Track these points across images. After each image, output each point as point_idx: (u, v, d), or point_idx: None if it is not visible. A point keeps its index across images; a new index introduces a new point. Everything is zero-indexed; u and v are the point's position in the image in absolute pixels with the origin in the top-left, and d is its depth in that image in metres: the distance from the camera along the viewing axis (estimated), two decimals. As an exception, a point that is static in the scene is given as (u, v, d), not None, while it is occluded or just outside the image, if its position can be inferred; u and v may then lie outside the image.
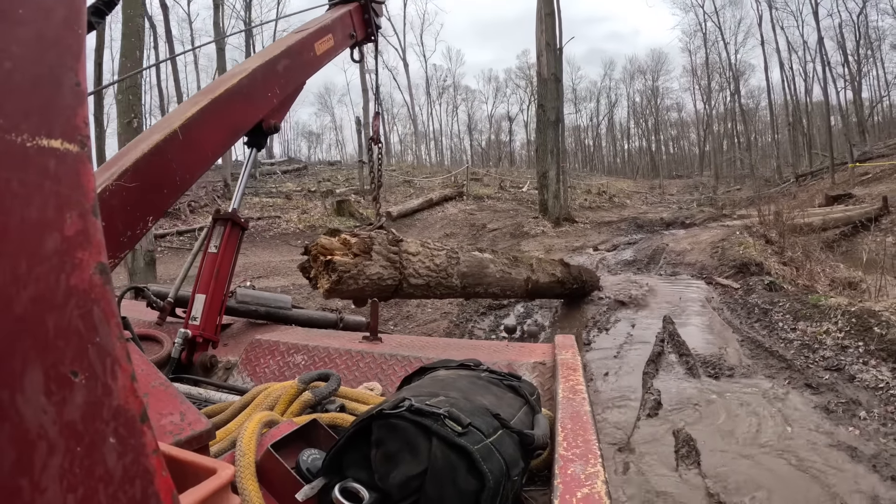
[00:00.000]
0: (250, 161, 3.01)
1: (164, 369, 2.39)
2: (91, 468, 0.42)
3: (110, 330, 0.44)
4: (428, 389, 1.29)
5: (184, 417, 1.11)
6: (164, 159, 2.13)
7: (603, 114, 73.20)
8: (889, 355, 4.63)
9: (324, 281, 2.84)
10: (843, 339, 5.12)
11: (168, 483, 0.48)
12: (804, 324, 5.70)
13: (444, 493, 1.02)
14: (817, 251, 9.42)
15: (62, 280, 0.41)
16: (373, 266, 2.90)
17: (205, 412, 1.65)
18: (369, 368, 2.31)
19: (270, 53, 2.74)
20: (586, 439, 1.30)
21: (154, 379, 1.22)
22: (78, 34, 0.45)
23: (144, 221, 2.11)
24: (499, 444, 1.13)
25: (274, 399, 1.60)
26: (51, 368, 0.40)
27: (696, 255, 9.79)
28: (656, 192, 38.92)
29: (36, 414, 0.38)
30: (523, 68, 66.45)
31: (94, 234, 0.44)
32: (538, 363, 2.18)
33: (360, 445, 1.12)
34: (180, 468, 0.75)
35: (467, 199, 22.86)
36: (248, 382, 2.41)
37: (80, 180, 0.43)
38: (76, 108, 0.44)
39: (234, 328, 2.96)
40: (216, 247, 2.69)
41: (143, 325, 2.79)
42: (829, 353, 4.97)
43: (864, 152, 28.57)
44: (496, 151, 70.53)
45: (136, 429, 0.46)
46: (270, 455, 1.20)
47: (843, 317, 5.44)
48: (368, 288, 2.90)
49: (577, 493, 1.05)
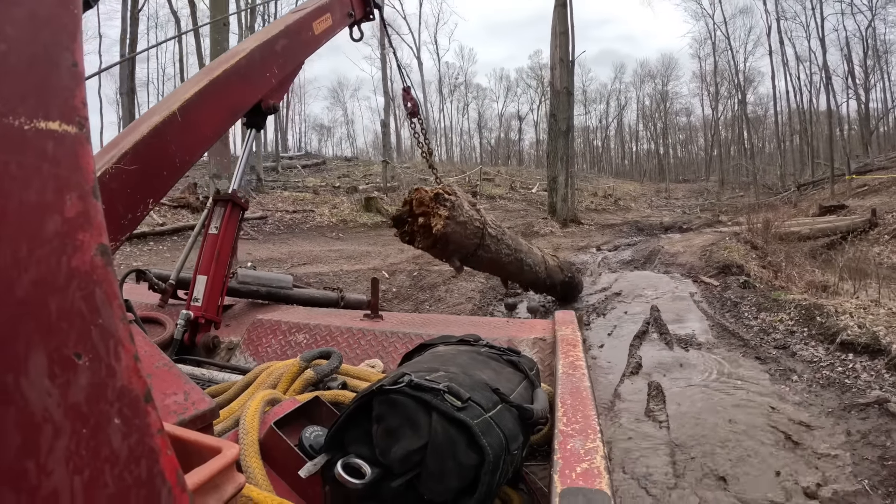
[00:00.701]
0: (250, 141, 2.99)
1: (167, 351, 2.40)
2: (97, 449, 0.42)
3: (113, 311, 0.44)
4: (428, 365, 1.30)
5: (187, 397, 1.11)
6: (164, 141, 2.12)
7: (612, 116, 73.76)
8: (825, 338, 5.76)
9: (441, 211, 2.95)
10: (792, 326, 6.35)
11: (173, 462, 0.49)
12: (765, 314, 6.97)
13: (444, 466, 1.03)
14: (798, 257, 10.62)
15: (63, 262, 0.41)
16: (464, 202, 3.10)
17: (208, 392, 1.66)
18: (370, 346, 2.32)
19: (269, 33, 2.72)
20: (586, 414, 1.31)
21: (157, 360, 1.23)
22: (73, 13, 0.45)
23: (145, 204, 2.11)
24: (498, 418, 1.14)
25: (276, 377, 1.61)
26: (54, 351, 0.40)
27: (687, 257, 11.00)
28: (662, 196, 40.34)
29: (40, 397, 0.38)
30: (535, 68, 67.41)
31: (95, 216, 0.44)
32: (538, 339, 2.19)
33: (361, 421, 1.13)
34: (185, 448, 0.76)
35: (480, 198, 23.71)
36: (251, 362, 2.42)
37: (80, 162, 0.43)
38: (74, 88, 0.44)
39: (235, 309, 2.97)
40: (216, 228, 2.69)
41: (145, 307, 2.80)
42: (779, 336, 6.20)
43: (866, 164, 29.31)
44: (505, 150, 71.31)
45: (141, 409, 0.46)
46: (273, 432, 1.21)
47: (794, 309, 6.68)
48: (468, 227, 3.07)
49: (576, 467, 1.06)
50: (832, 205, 19.15)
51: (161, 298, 2.81)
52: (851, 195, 22.03)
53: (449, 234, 3.00)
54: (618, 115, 73.44)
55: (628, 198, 34.75)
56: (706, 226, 17.99)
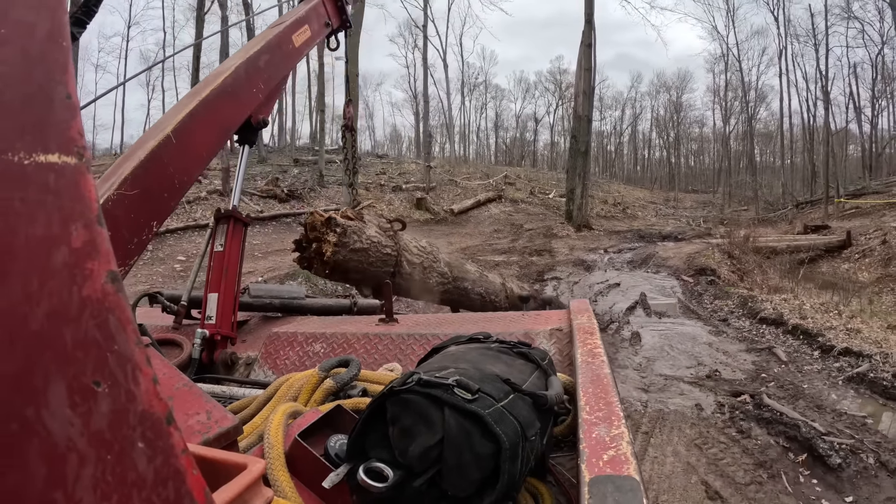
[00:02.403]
0: (244, 158, 3.01)
1: (186, 371, 2.42)
2: (123, 474, 0.42)
3: (127, 337, 0.45)
4: (438, 364, 1.31)
5: (210, 416, 1.12)
6: (161, 164, 2.14)
7: (627, 123, 74.88)
8: (751, 316, 9.41)
9: (330, 238, 2.82)
10: (732, 308, 10.06)
11: (200, 481, 0.49)
12: (718, 301, 10.66)
13: (462, 459, 1.03)
14: (767, 266, 13.71)
15: (75, 292, 0.41)
16: (369, 228, 2.93)
17: (230, 408, 1.67)
18: (388, 350, 2.32)
19: (251, 50, 2.74)
20: (608, 402, 1.30)
21: (177, 381, 1.24)
22: (63, 47, 0.45)
23: (149, 227, 2.13)
24: (511, 406, 1.14)
25: (297, 390, 1.61)
26: (73, 381, 0.40)
27: (675, 261, 14.05)
28: (670, 205, 43.09)
29: (63, 427, 0.39)
30: (554, 73, 69.82)
31: (102, 244, 0.44)
32: (555, 330, 2.18)
33: (378, 426, 1.13)
34: (211, 467, 0.76)
35: (504, 201, 27.24)
36: (270, 375, 2.43)
37: (82, 191, 0.43)
38: (70, 120, 0.44)
39: (251, 324, 2.98)
40: (221, 245, 2.71)
41: (160, 329, 2.81)
42: (723, 314, 9.84)
43: (863, 187, 30.79)
44: (519, 150, 72.54)
45: (164, 431, 0.46)
46: (299, 444, 1.21)
47: (737, 298, 10.48)
48: (371, 254, 2.90)
49: (603, 455, 1.06)
50: (816, 225, 21.66)
51: (175, 320, 2.83)
52: (841, 217, 24.07)
53: (341, 261, 2.86)
54: (632, 123, 74.54)
55: (636, 206, 37.82)
56: (697, 237, 20.53)
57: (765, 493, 4.37)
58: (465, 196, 26.37)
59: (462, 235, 19.52)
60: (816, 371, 6.87)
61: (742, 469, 4.68)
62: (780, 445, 4.99)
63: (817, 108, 39.05)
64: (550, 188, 33.80)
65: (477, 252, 14.68)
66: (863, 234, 18.10)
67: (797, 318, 8.64)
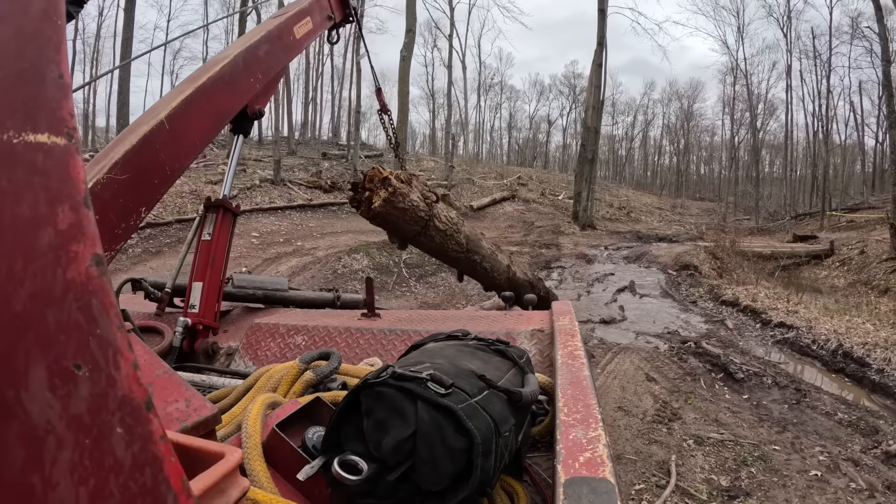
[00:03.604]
0: (237, 147, 2.99)
1: (167, 359, 2.40)
2: (100, 459, 0.42)
3: (110, 321, 0.44)
4: (415, 359, 1.32)
5: (189, 404, 1.11)
6: (153, 150, 2.12)
7: (638, 129, 76.05)
8: (716, 300, 11.98)
9: (381, 193, 3.16)
10: (702, 294, 12.70)
11: (177, 468, 0.49)
12: (692, 289, 13.27)
13: (435, 452, 1.04)
14: (745, 266, 16.05)
15: (59, 274, 0.41)
16: (413, 193, 3.31)
17: (209, 398, 1.66)
18: (369, 344, 2.32)
19: (251, 39, 2.72)
20: (586, 404, 1.31)
21: (157, 368, 1.23)
22: (58, 25, 0.44)
23: (138, 212, 2.11)
24: (484, 402, 1.15)
25: (276, 381, 1.61)
26: (53, 363, 0.40)
27: (665, 259, 16.63)
28: (676, 211, 45.66)
29: (42, 410, 0.39)
30: (568, 76, 71.05)
31: (88, 226, 0.44)
32: (536, 330, 2.19)
33: (353, 419, 1.14)
34: (188, 454, 0.76)
35: (518, 201, 29.69)
36: (251, 367, 2.42)
37: (70, 173, 0.43)
38: (61, 100, 0.44)
39: (233, 314, 2.97)
40: (209, 234, 2.69)
41: (142, 316, 2.79)
42: (694, 298, 12.53)
43: (860, 202, 32.40)
44: (531, 150, 73.69)
45: (143, 417, 0.46)
46: (276, 435, 1.21)
47: (707, 287, 13.06)
48: (408, 214, 3.28)
49: (579, 457, 1.07)
50: (805, 235, 23.29)
51: (158, 307, 2.80)
52: (835, 229, 25.42)
53: (384, 213, 3.21)
54: (644, 129, 75.78)
55: (642, 210, 40.75)
56: (690, 240, 22.61)
57: (685, 385, 6.92)
58: (482, 194, 29.03)
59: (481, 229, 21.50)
60: (753, 336, 9.61)
61: (673, 373, 7.30)
62: (704, 367, 7.55)
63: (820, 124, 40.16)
64: (560, 190, 36.45)
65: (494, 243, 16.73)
66: (846, 244, 19.56)
67: (749, 301, 11.16)
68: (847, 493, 4.71)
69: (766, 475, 4.96)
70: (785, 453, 5.35)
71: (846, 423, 6.11)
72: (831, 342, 8.50)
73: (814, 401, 6.63)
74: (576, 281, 14.53)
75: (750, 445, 5.43)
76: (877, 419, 6.21)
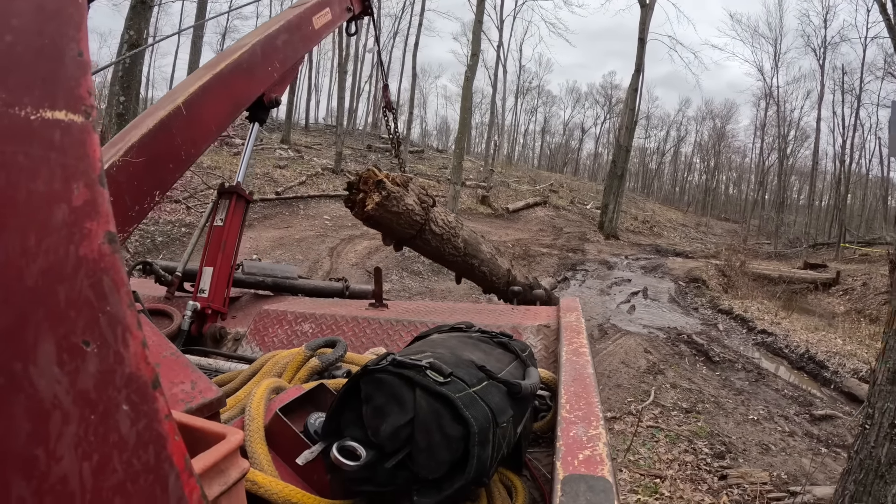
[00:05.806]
0: (253, 135, 3.00)
1: (175, 341, 2.41)
2: (105, 435, 0.42)
3: (120, 298, 0.45)
4: (417, 349, 1.33)
5: (195, 386, 1.12)
6: (169, 134, 2.14)
7: (671, 144, 76.15)
8: (714, 307, 14.71)
9: (374, 196, 3.12)
10: (704, 303, 15.21)
11: (181, 447, 0.49)
12: (697, 298, 15.72)
13: (432, 440, 1.04)
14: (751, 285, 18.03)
15: (71, 251, 0.41)
16: (409, 197, 3.26)
17: (215, 381, 1.67)
18: (375, 334, 2.33)
19: (270, 28, 2.73)
20: (588, 402, 1.31)
21: (165, 349, 1.24)
22: (79, 3, 0.45)
23: (151, 196, 2.12)
24: (483, 393, 1.15)
25: (282, 366, 1.62)
26: (63, 339, 0.40)
27: (678, 271, 19.07)
28: (700, 229, 49.24)
29: (50, 384, 0.39)
30: (605, 87, 71.15)
31: (102, 204, 0.44)
32: (542, 326, 2.19)
33: (353, 405, 1.15)
34: (192, 435, 0.76)
35: (549, 207, 32.24)
36: (257, 352, 2.43)
37: (86, 150, 0.43)
38: (79, 78, 0.44)
39: (242, 300, 2.98)
40: (222, 220, 2.70)
41: (152, 300, 2.81)
42: (696, 306, 15.08)
43: (879, 237, 33.10)
44: (563, 156, 74.36)
45: (149, 395, 0.46)
46: (278, 419, 1.22)
47: (708, 298, 15.62)
48: (403, 218, 3.24)
49: (578, 455, 1.07)
50: (815, 263, 24.18)
51: (168, 290, 2.82)
52: (848, 261, 26.30)
53: (377, 216, 3.17)
54: (676, 145, 75.98)
55: (666, 226, 42.95)
56: (704, 257, 24.13)
57: (672, 359, 9.67)
58: (517, 198, 31.47)
59: (515, 230, 24.68)
60: (738, 337, 12.17)
61: (665, 351, 10.14)
62: (690, 351, 10.31)
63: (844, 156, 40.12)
64: (588, 199, 38.65)
65: (527, 243, 20.44)
66: (853, 276, 20.62)
67: (741, 311, 13.89)
68: (773, 432, 6.90)
69: (716, 409, 7.55)
70: (735, 403, 7.83)
71: (790, 397, 8.32)
72: (801, 348, 10.85)
73: (770, 381, 8.97)
74: (597, 280, 17.28)
75: (710, 395, 8.04)
76: (816, 399, 8.38)
